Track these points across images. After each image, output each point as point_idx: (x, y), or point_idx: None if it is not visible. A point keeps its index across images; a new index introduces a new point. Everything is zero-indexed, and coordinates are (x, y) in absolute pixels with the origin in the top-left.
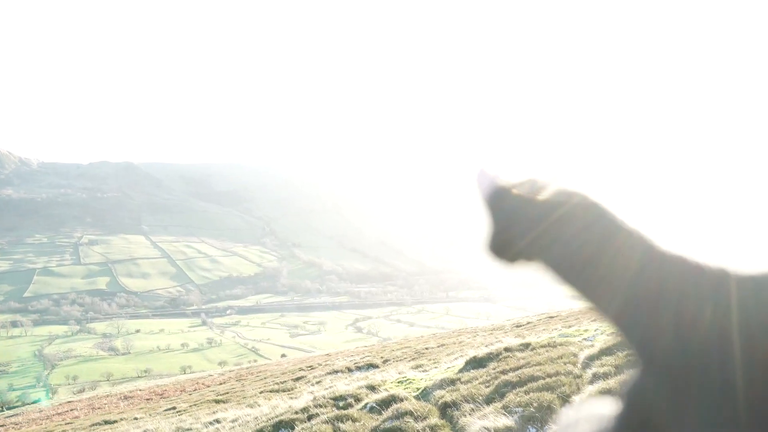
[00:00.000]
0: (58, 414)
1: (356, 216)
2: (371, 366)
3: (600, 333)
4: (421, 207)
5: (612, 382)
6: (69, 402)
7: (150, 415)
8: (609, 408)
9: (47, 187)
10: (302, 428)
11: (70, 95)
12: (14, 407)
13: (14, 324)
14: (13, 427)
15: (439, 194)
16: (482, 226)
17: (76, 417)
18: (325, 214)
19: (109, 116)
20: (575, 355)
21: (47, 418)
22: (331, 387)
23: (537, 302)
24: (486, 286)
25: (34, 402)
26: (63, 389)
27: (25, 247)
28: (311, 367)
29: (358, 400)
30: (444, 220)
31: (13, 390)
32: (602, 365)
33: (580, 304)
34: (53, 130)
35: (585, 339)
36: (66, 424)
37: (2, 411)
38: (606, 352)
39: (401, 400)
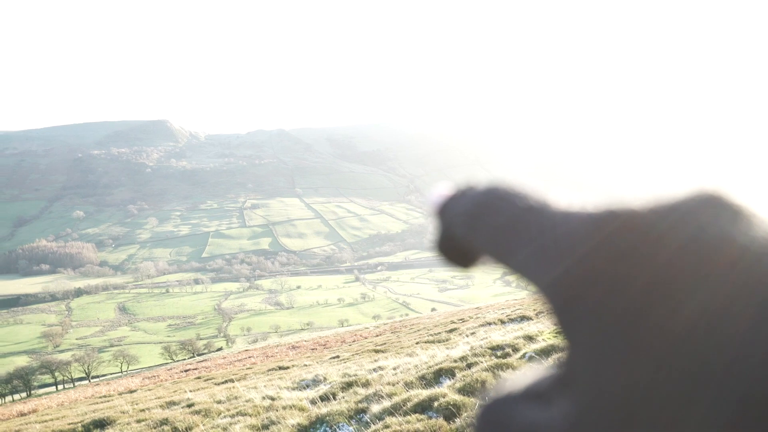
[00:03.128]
0: (239, 360)
1: (498, 167)
2: (524, 318)
3: None
4: (565, 152)
5: None
6: (246, 350)
7: (317, 362)
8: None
9: (214, 157)
10: (463, 375)
11: (228, 70)
12: (203, 354)
13: (196, 281)
14: (205, 370)
15: (582, 140)
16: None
17: (254, 363)
18: (467, 168)
19: (263, 87)
20: None
21: (230, 364)
22: (486, 338)
23: None
24: None
25: (218, 350)
26: (240, 339)
27: (200, 212)
28: (463, 320)
29: (516, 349)
30: (591, 162)
31: (200, 339)
32: None
33: None
34: (216, 104)
35: None
36: (247, 369)
37: (193, 357)
38: None
39: (563, 350)
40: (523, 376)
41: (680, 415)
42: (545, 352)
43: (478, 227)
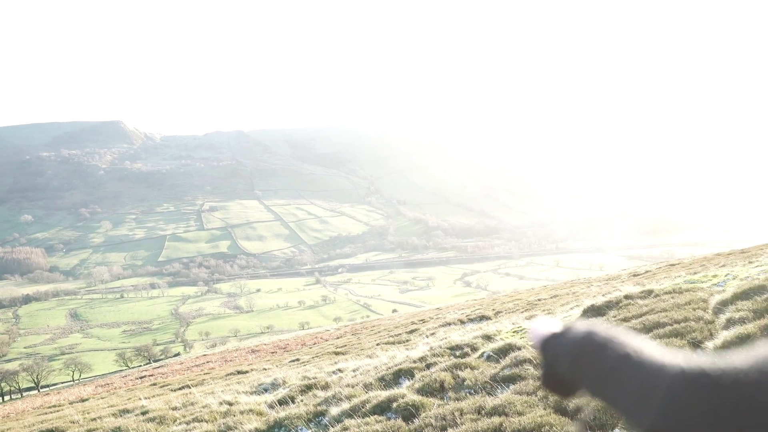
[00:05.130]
0: (197, 366)
1: (459, 171)
2: (483, 318)
3: (732, 278)
4: (523, 157)
5: (751, 327)
6: (204, 355)
7: (277, 366)
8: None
9: (170, 159)
10: (422, 376)
11: (184, 71)
12: (159, 360)
13: (152, 286)
14: (161, 377)
15: (541, 143)
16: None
17: (212, 368)
18: (427, 170)
19: (220, 88)
20: (705, 301)
21: (188, 369)
22: (445, 338)
23: (655, 251)
24: (597, 236)
25: (175, 355)
26: (198, 344)
27: (156, 216)
28: (423, 321)
29: (474, 349)
30: (547, 168)
31: (157, 345)
32: (738, 310)
33: (704, 252)
34: (171, 104)
35: (715, 285)
36: (204, 374)
37: (149, 363)
38: (741, 296)
39: (519, 348)
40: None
41: None
42: (503, 351)
43: (580, 369)
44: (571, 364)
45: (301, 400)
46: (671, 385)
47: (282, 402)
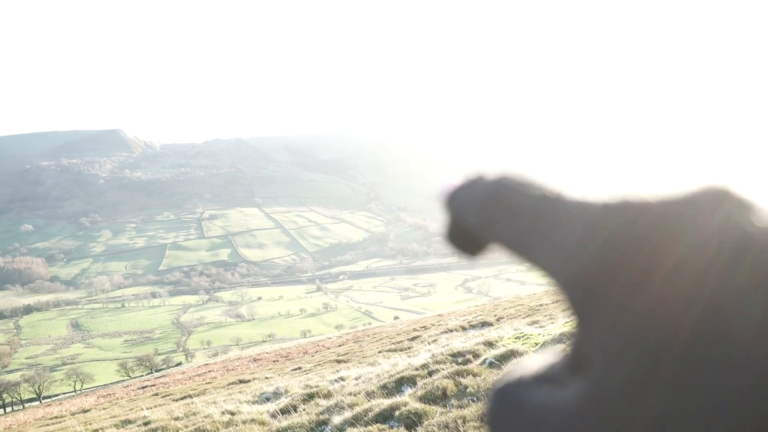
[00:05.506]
0: (198, 375)
1: (459, 175)
2: (485, 324)
3: None
4: (522, 162)
5: None
6: (206, 364)
7: (279, 374)
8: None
9: (170, 167)
10: (424, 383)
11: (183, 78)
12: (161, 369)
13: (153, 295)
14: (163, 387)
15: (538, 145)
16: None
17: (214, 377)
18: (426, 176)
19: (219, 96)
20: None
21: (189, 379)
22: (447, 345)
23: None
24: None
25: (177, 365)
26: (199, 353)
27: (156, 224)
28: (425, 328)
29: (476, 356)
30: (548, 170)
31: (159, 354)
32: None
33: None
34: (171, 112)
35: None
36: (206, 383)
37: (151, 373)
38: None
39: (521, 354)
40: (532, 361)
41: (682, 405)
42: (505, 358)
43: (490, 217)
44: (480, 212)
45: (303, 409)
46: (588, 222)
47: (284, 411)
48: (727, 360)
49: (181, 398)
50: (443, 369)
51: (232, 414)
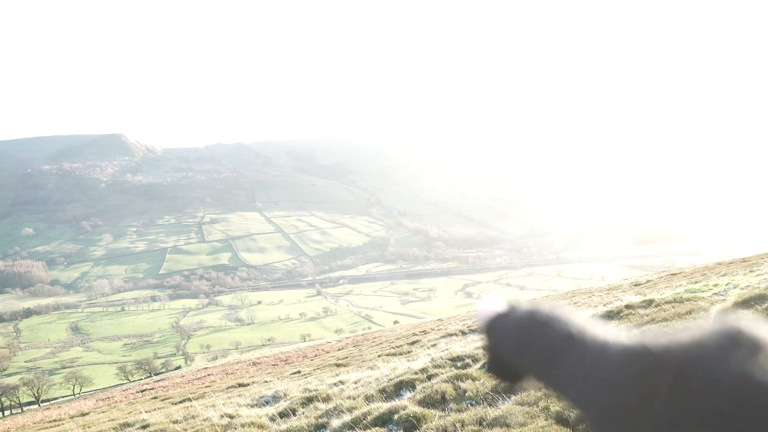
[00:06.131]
0: (198, 379)
1: (459, 181)
2: None
3: (732, 287)
4: (521, 167)
5: None
6: (205, 368)
7: (278, 378)
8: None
9: (171, 171)
10: (423, 387)
11: (185, 83)
12: (160, 373)
13: (153, 299)
14: (162, 390)
15: (539, 153)
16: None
17: (213, 381)
18: (427, 181)
19: (221, 100)
20: (706, 310)
21: (189, 383)
22: (447, 349)
23: (656, 260)
24: (597, 246)
25: (176, 368)
26: (199, 357)
27: (157, 228)
28: (425, 332)
29: (475, 360)
30: (546, 178)
31: (158, 358)
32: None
33: (705, 261)
34: (173, 117)
35: (716, 294)
36: (206, 387)
37: (150, 376)
38: (742, 305)
39: None
40: None
41: None
42: None
43: (522, 351)
44: (514, 346)
45: (303, 413)
46: (609, 364)
47: (283, 414)
48: None
49: (180, 401)
50: (442, 373)
51: (231, 417)
